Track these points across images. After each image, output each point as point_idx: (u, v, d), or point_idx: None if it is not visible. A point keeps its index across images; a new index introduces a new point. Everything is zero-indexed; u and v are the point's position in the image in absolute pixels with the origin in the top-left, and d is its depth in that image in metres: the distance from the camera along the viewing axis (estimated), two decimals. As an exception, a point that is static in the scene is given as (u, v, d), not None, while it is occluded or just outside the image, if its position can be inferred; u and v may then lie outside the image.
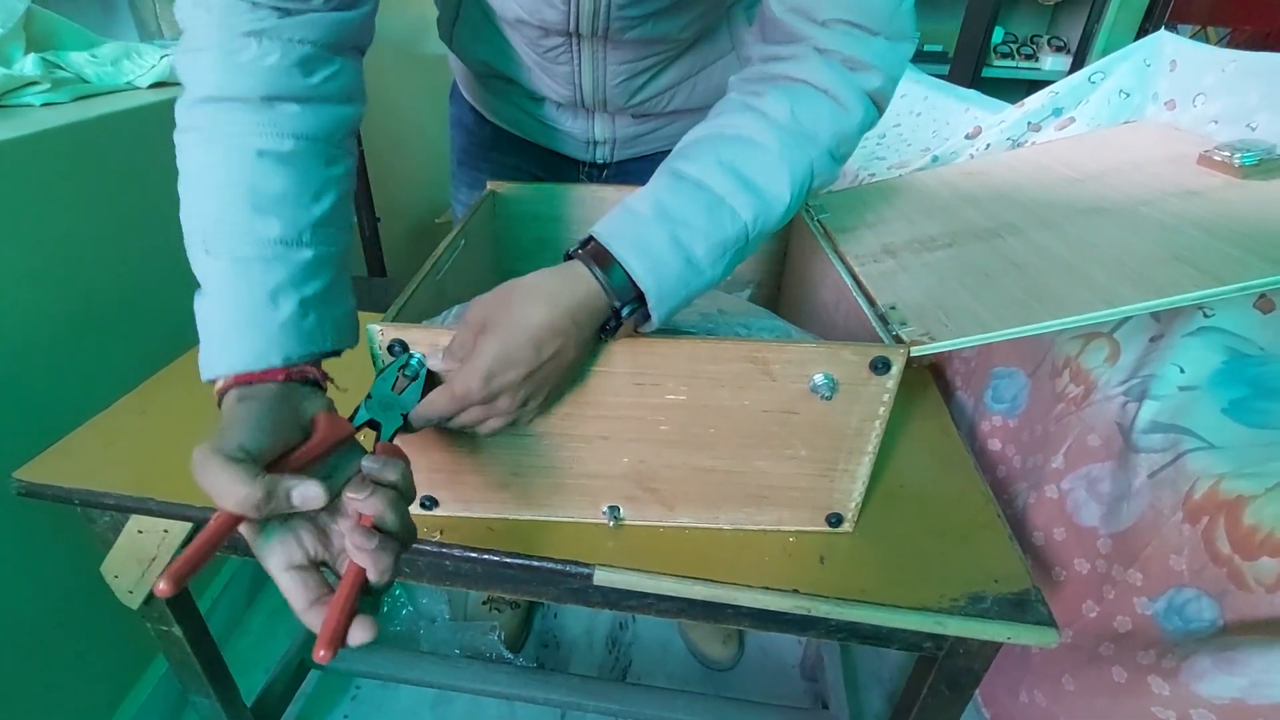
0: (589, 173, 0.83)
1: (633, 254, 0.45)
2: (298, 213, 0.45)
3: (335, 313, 0.48)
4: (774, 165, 0.48)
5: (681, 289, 0.46)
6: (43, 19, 0.89)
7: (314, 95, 0.47)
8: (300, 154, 0.46)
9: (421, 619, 1.19)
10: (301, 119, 0.46)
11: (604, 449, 0.54)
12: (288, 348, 0.44)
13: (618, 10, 0.61)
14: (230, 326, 0.44)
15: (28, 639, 0.81)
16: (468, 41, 0.74)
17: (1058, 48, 2.65)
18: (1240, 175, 0.63)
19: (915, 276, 0.60)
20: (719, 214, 0.47)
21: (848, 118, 0.49)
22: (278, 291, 0.44)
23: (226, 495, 0.36)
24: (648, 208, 0.46)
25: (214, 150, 0.45)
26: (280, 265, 0.44)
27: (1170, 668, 0.55)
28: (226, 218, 0.44)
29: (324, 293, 0.47)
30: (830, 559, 0.56)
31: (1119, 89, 0.84)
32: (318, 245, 0.46)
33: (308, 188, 0.46)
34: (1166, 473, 0.57)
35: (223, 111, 0.44)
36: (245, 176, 0.44)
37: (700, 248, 0.46)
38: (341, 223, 0.49)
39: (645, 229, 0.46)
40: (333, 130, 0.48)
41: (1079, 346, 0.67)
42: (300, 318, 0.45)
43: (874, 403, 0.51)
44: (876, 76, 0.49)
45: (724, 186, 0.47)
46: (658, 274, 0.45)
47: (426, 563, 0.59)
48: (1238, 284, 0.47)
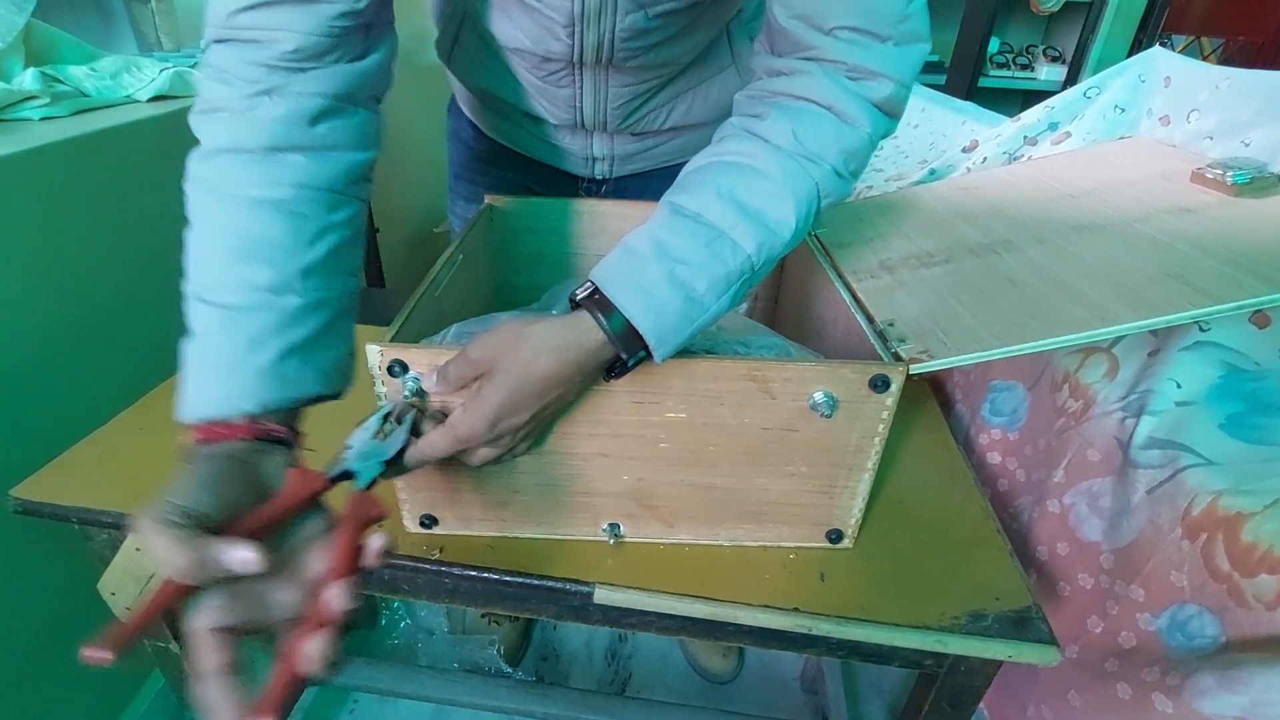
0: (588, 188, 0.83)
1: (630, 297, 0.44)
2: (289, 259, 0.45)
3: (323, 358, 0.46)
4: (776, 192, 0.47)
5: (685, 326, 0.45)
6: (42, 32, 0.89)
7: (319, 144, 0.47)
8: (299, 200, 0.45)
9: (420, 632, 1.19)
10: (304, 168, 0.46)
11: (604, 467, 0.54)
12: (264, 394, 0.43)
13: (622, 43, 0.61)
14: (208, 371, 0.43)
15: (25, 655, 0.80)
16: (466, 65, 0.74)
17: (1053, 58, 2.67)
18: (1233, 193, 0.63)
19: (913, 293, 0.60)
20: (719, 247, 0.46)
21: (854, 133, 0.48)
22: (259, 338, 0.43)
23: (163, 562, 0.34)
24: (646, 247, 0.46)
25: (213, 200, 0.45)
26: (265, 312, 0.44)
27: (1174, 685, 0.54)
28: (218, 265, 0.44)
29: (312, 338, 0.46)
30: (830, 576, 0.56)
31: (1114, 104, 0.85)
32: (309, 292, 0.45)
33: (303, 234, 0.45)
34: (1165, 488, 0.57)
35: (227, 163, 0.45)
36: (239, 224, 0.44)
37: (701, 283, 0.45)
38: (341, 267, 0.48)
39: (643, 270, 0.45)
40: (337, 177, 0.48)
41: (1078, 361, 0.67)
42: (279, 363, 0.44)
43: (873, 420, 0.51)
44: (885, 85, 0.47)
45: (724, 218, 0.46)
46: (657, 315, 0.44)
47: (426, 580, 0.59)
48: (1232, 302, 0.47)
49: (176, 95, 0.96)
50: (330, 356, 0.47)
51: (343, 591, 0.35)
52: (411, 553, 0.57)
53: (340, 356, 0.48)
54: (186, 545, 0.34)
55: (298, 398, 0.45)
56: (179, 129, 0.45)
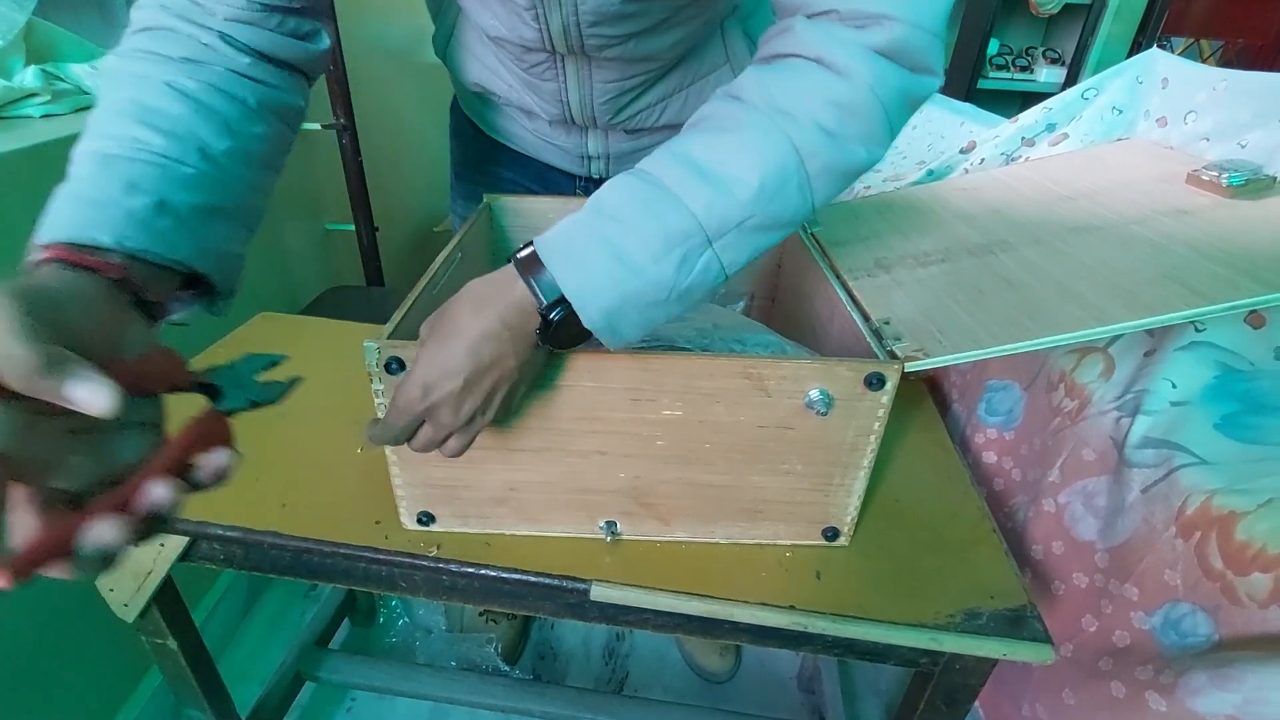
0: (585, 187, 0.83)
1: (556, 256, 0.43)
2: (187, 136, 0.43)
3: (206, 235, 0.43)
4: (736, 147, 0.42)
5: (612, 288, 0.42)
6: (43, 30, 0.89)
7: (240, 69, 0.47)
8: (209, 94, 0.45)
9: (418, 631, 1.19)
10: (220, 76, 0.46)
11: (600, 464, 0.54)
12: (125, 232, 0.38)
13: (589, 27, 0.60)
14: (73, 201, 0.39)
15: (23, 652, 0.80)
16: (461, 61, 0.75)
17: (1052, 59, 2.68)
18: (1228, 195, 0.63)
19: (909, 291, 0.60)
20: (659, 205, 0.42)
21: (845, 84, 0.41)
22: (137, 184, 0.40)
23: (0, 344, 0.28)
24: (586, 208, 0.44)
25: (120, 82, 0.44)
26: (149, 166, 0.41)
27: (1167, 684, 0.55)
28: (109, 126, 0.42)
29: (198, 210, 0.42)
30: (826, 573, 0.57)
31: (1111, 105, 0.85)
32: (204, 171, 0.43)
33: (209, 122, 0.44)
34: (1159, 488, 0.57)
35: (143, 59, 0.45)
36: (143, 98, 0.43)
37: (633, 242, 0.42)
38: (245, 175, 0.46)
39: (574, 229, 0.43)
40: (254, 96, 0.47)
41: (1074, 361, 0.68)
42: (154, 214, 0.40)
43: (869, 418, 0.51)
44: (891, 27, 0.40)
45: (671, 176, 0.42)
46: (580, 270, 0.42)
47: (423, 577, 0.59)
48: (1227, 303, 0.47)
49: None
50: (215, 239, 0.44)
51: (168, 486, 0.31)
52: (409, 550, 0.57)
53: (228, 249, 0.45)
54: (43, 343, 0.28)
55: (165, 256, 0.40)
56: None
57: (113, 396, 0.29)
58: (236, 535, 0.58)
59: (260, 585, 1.24)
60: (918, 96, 0.44)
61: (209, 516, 0.58)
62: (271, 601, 1.24)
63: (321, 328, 0.88)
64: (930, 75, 0.43)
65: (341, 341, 0.83)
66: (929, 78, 0.43)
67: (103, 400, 0.29)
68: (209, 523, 0.58)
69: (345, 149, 1.30)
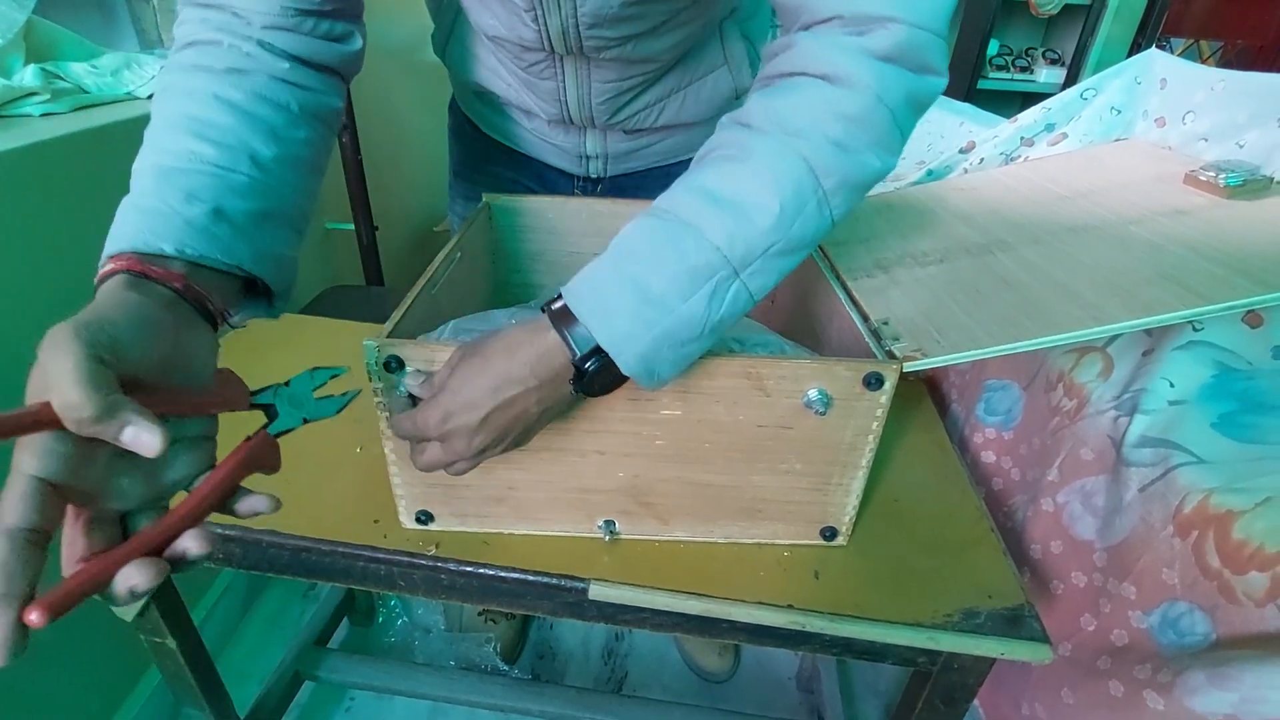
0: (583, 186, 0.83)
1: (585, 307, 0.42)
2: (238, 146, 0.45)
3: (261, 240, 0.45)
4: (750, 174, 0.42)
5: (645, 332, 0.41)
6: (43, 29, 0.89)
7: (282, 76, 0.49)
8: (255, 104, 0.46)
9: (417, 630, 1.19)
10: (264, 85, 0.47)
11: (599, 464, 0.54)
12: (185, 240, 0.40)
13: (588, 29, 0.61)
14: (136, 213, 0.41)
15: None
16: (460, 60, 0.75)
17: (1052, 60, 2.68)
18: (1225, 195, 0.63)
19: (908, 292, 0.60)
20: (680, 240, 0.42)
21: (850, 95, 0.41)
22: (194, 194, 0.42)
23: (60, 387, 0.30)
24: (609, 253, 0.44)
25: (171, 97, 0.46)
26: (205, 176, 0.43)
27: (1165, 683, 0.55)
28: (164, 140, 0.44)
29: (252, 216, 0.44)
30: (825, 573, 0.57)
31: (1110, 105, 0.85)
32: (255, 177, 0.45)
33: (256, 130, 0.46)
34: (1156, 487, 0.57)
35: (191, 74, 0.47)
36: (193, 112, 0.45)
37: (660, 282, 0.41)
38: (292, 180, 0.48)
39: (599, 276, 0.43)
40: (296, 102, 0.49)
41: (1073, 361, 0.68)
42: (211, 221, 0.42)
43: (867, 418, 0.51)
44: (893, 30, 0.40)
45: (689, 210, 0.42)
46: (609, 317, 0.42)
47: (422, 576, 0.59)
48: (1224, 303, 0.47)
49: (176, 93, 0.97)
50: (269, 243, 0.46)
51: (203, 540, 0.33)
52: (407, 549, 0.57)
53: (281, 253, 0.47)
54: (100, 390, 0.30)
55: (225, 262, 0.42)
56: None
57: (160, 440, 0.31)
58: (235, 534, 0.58)
59: (259, 584, 1.24)
60: (924, 98, 0.43)
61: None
62: (270, 600, 1.24)
63: (321, 327, 0.88)
64: (936, 75, 0.42)
65: (341, 340, 0.83)
66: (934, 78, 0.43)
67: (151, 443, 0.31)
68: (208, 522, 0.58)
69: (345, 148, 1.31)
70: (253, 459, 0.37)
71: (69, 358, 0.30)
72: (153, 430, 0.31)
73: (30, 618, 0.27)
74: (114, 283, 0.38)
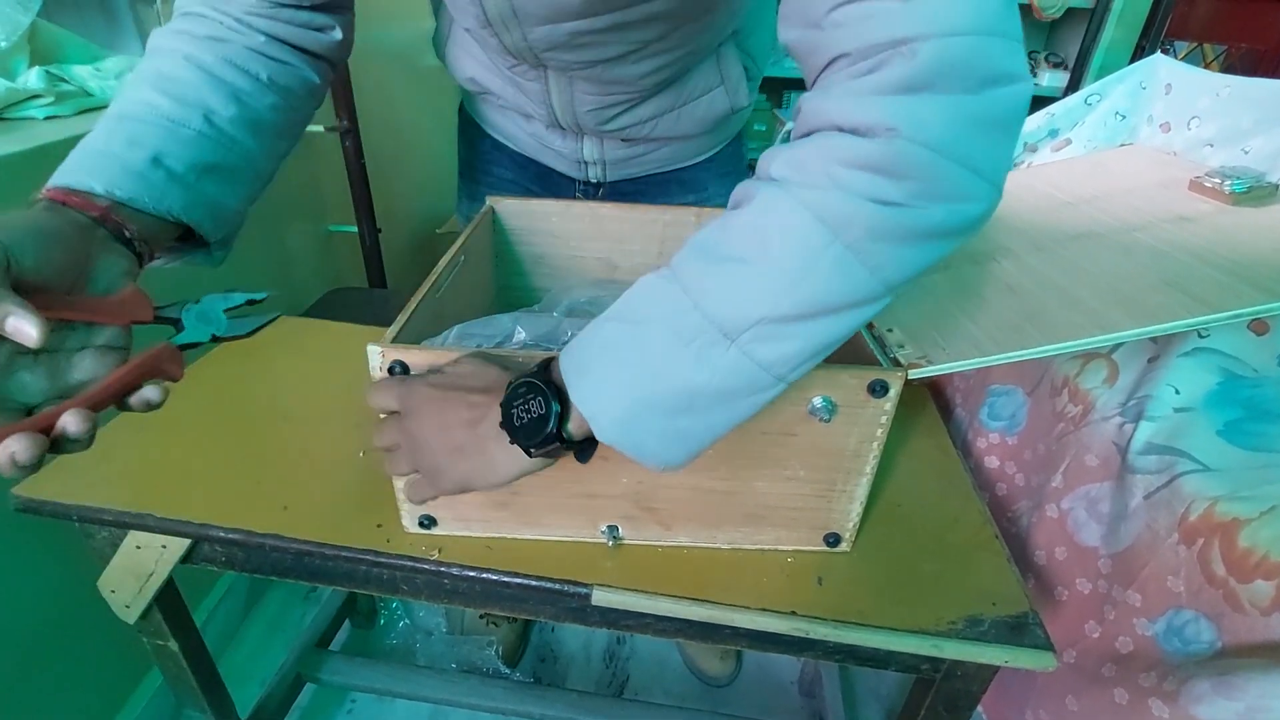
0: (583, 191, 0.83)
1: (569, 364, 0.41)
2: (194, 102, 0.48)
3: (201, 190, 0.48)
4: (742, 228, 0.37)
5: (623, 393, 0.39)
6: (47, 32, 0.90)
7: (259, 48, 0.52)
8: (221, 67, 0.50)
9: (418, 632, 1.19)
10: (236, 51, 0.51)
11: (603, 469, 0.54)
12: (118, 181, 0.43)
13: (544, 51, 0.61)
14: (79, 152, 0.44)
15: (24, 652, 0.80)
16: (456, 58, 0.75)
17: (1055, 64, 2.68)
18: (1231, 202, 0.63)
19: (911, 298, 0.60)
20: (669, 301, 0.38)
21: (869, 144, 0.34)
22: (136, 139, 0.45)
23: None
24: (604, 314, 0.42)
25: (153, 57, 0.50)
26: (152, 125, 0.46)
27: (1170, 691, 0.54)
28: (132, 91, 0.47)
29: (194, 167, 0.47)
30: (828, 579, 0.56)
31: (1114, 111, 0.85)
32: (205, 131, 0.48)
33: (216, 90, 0.49)
34: (1162, 494, 0.57)
35: (170, 39, 0.50)
36: (159, 68, 0.49)
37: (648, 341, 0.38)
38: (250, 141, 0.51)
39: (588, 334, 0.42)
40: (269, 70, 0.52)
41: (1078, 367, 0.68)
42: (148, 167, 0.44)
43: (872, 424, 0.51)
44: (911, 52, 0.32)
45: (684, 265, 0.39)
46: (587, 379, 0.39)
47: (425, 580, 0.59)
48: (1229, 311, 0.47)
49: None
50: (209, 194, 0.48)
51: (81, 419, 0.36)
52: (410, 553, 0.57)
53: (223, 204, 0.50)
54: None
55: (152, 206, 0.45)
56: (182, 130, 0.47)
57: (37, 331, 0.34)
58: (238, 537, 0.58)
59: (261, 587, 1.24)
60: (1001, 115, 0.34)
61: (211, 519, 0.58)
62: (272, 603, 1.24)
63: (324, 329, 0.88)
64: (1008, 82, 0.34)
65: (344, 344, 0.83)
66: (1005, 86, 0.34)
67: (29, 333, 0.34)
68: (211, 525, 0.58)
69: (348, 151, 1.31)
70: (152, 363, 0.39)
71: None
72: (32, 322, 0.34)
73: None
74: (31, 208, 0.41)
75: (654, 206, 0.73)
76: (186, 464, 0.65)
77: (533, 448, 0.42)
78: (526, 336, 0.56)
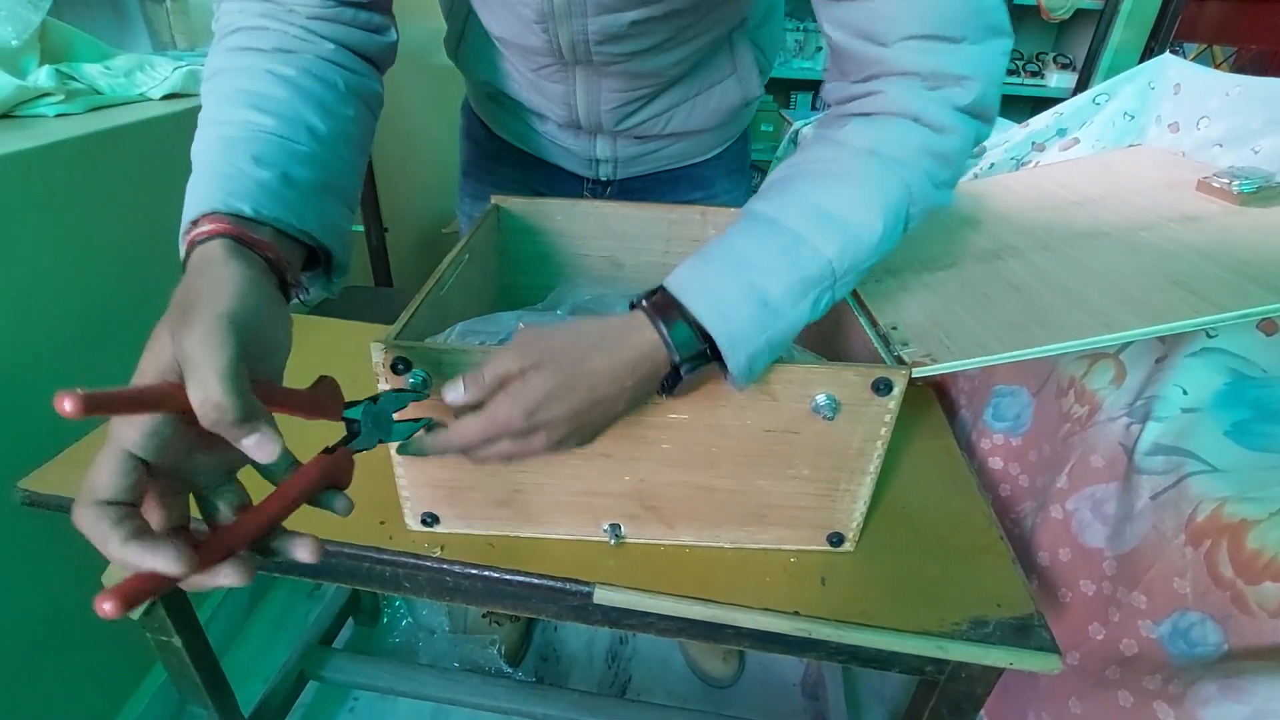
0: (592, 189, 0.83)
1: (700, 301, 0.43)
2: (294, 117, 0.46)
3: (323, 209, 0.45)
4: (859, 196, 0.45)
5: (757, 332, 0.43)
6: (57, 31, 0.90)
7: (329, 58, 0.50)
8: (306, 79, 0.48)
9: (421, 631, 1.19)
10: (313, 64, 0.49)
11: (606, 467, 0.54)
12: (261, 202, 0.40)
13: (597, 45, 0.61)
14: (206, 174, 0.41)
15: (28, 647, 0.81)
16: (472, 60, 0.75)
17: (1063, 65, 2.67)
18: (1239, 202, 0.63)
19: (916, 297, 0.60)
20: (796, 252, 0.44)
21: (943, 140, 0.45)
22: (262, 159, 0.42)
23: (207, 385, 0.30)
24: (719, 253, 0.45)
25: (224, 78, 0.47)
26: (269, 144, 0.43)
27: (1176, 693, 0.54)
28: (224, 114, 0.45)
29: (314, 185, 0.45)
30: (831, 579, 0.56)
31: (1123, 111, 0.85)
32: (313, 148, 0.46)
33: (310, 103, 0.47)
34: (1169, 495, 0.56)
35: (241, 55, 0.48)
36: (248, 87, 0.46)
37: (776, 289, 0.44)
38: (345, 155, 0.49)
39: (715, 275, 0.44)
40: (343, 81, 0.51)
41: (1084, 367, 0.67)
42: (281, 185, 0.42)
43: (876, 423, 0.51)
44: (971, 87, 0.44)
45: (802, 223, 0.45)
46: (727, 319, 0.43)
47: (426, 578, 0.59)
48: (1235, 311, 0.47)
49: (189, 94, 0.97)
50: (330, 214, 0.46)
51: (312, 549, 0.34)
52: (413, 550, 0.57)
53: (341, 225, 0.47)
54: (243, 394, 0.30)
55: (297, 227, 0.42)
56: (191, 127, 0.46)
57: (279, 449, 0.32)
58: (242, 533, 0.58)
59: (264, 584, 1.25)
60: (981, 141, 0.49)
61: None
62: (276, 600, 1.25)
63: (329, 327, 0.88)
64: (993, 123, 0.49)
65: (349, 341, 0.83)
66: (992, 125, 0.49)
67: (271, 452, 0.32)
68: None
69: (354, 150, 1.31)
70: (333, 473, 0.37)
71: (221, 356, 0.31)
72: (276, 440, 0.32)
73: (103, 608, 0.28)
74: (217, 250, 0.37)
75: (660, 205, 0.73)
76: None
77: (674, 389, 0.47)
78: (530, 334, 0.56)
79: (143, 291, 0.91)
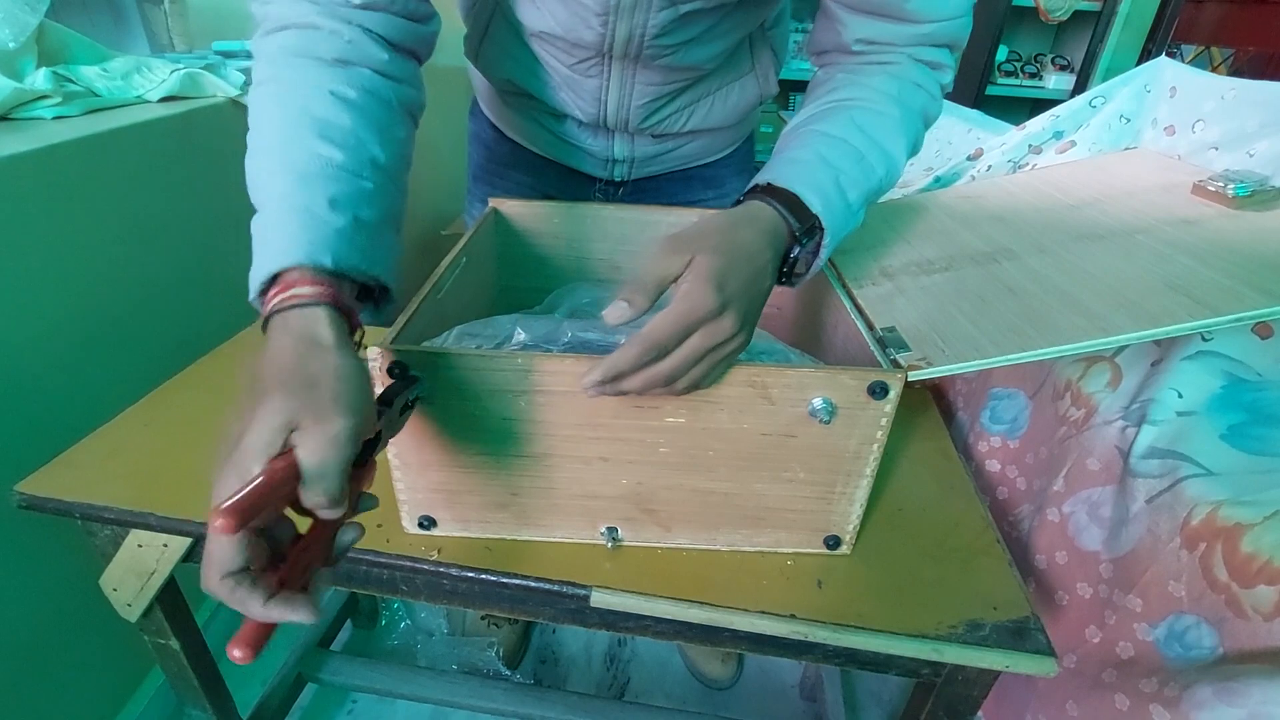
0: (604, 190, 0.84)
1: (809, 190, 0.50)
2: (360, 148, 0.46)
3: (385, 248, 0.47)
4: (895, 132, 0.55)
5: (843, 228, 0.53)
6: (55, 33, 0.90)
7: (383, 69, 0.50)
8: (368, 102, 0.48)
9: (419, 633, 1.19)
10: (371, 80, 0.49)
11: (603, 470, 0.54)
12: (340, 251, 0.42)
13: (652, 39, 0.63)
14: (289, 217, 0.42)
15: (26, 650, 0.81)
16: (494, 59, 0.75)
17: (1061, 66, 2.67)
18: (1234, 206, 0.63)
19: (913, 300, 0.60)
20: (865, 166, 0.53)
21: (935, 105, 0.59)
22: (336, 201, 0.43)
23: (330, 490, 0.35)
24: (811, 156, 0.52)
25: (284, 88, 0.46)
26: (341, 184, 0.44)
27: (1171, 696, 0.54)
28: (292, 143, 0.44)
29: (377, 225, 0.46)
30: (828, 582, 0.56)
31: (1119, 114, 0.85)
32: (377, 183, 0.47)
33: (372, 130, 0.47)
34: (1164, 498, 0.56)
35: (299, 63, 0.47)
36: (313, 109, 0.45)
37: (854, 193, 0.52)
38: (398, 181, 0.50)
39: (816, 171, 0.51)
40: (396, 99, 0.51)
41: (1081, 370, 0.67)
42: (353, 231, 0.43)
43: (872, 426, 0.51)
44: (947, 73, 0.60)
45: (862, 144, 0.53)
46: (830, 210, 0.51)
47: (424, 581, 0.59)
48: (1231, 315, 0.47)
49: (187, 96, 0.97)
50: (393, 250, 0.48)
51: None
52: (410, 553, 0.57)
53: (397, 258, 0.49)
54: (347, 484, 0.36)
55: (370, 273, 0.44)
56: (189, 129, 0.46)
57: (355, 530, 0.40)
58: (239, 537, 0.58)
59: (263, 586, 1.24)
60: None
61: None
62: (274, 602, 1.24)
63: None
64: None
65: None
66: None
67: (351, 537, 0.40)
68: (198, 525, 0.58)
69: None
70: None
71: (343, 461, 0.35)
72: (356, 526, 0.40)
73: (235, 655, 0.34)
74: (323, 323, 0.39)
75: (657, 208, 0.73)
76: (189, 463, 0.65)
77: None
78: (526, 337, 0.57)
79: (139, 292, 0.91)
